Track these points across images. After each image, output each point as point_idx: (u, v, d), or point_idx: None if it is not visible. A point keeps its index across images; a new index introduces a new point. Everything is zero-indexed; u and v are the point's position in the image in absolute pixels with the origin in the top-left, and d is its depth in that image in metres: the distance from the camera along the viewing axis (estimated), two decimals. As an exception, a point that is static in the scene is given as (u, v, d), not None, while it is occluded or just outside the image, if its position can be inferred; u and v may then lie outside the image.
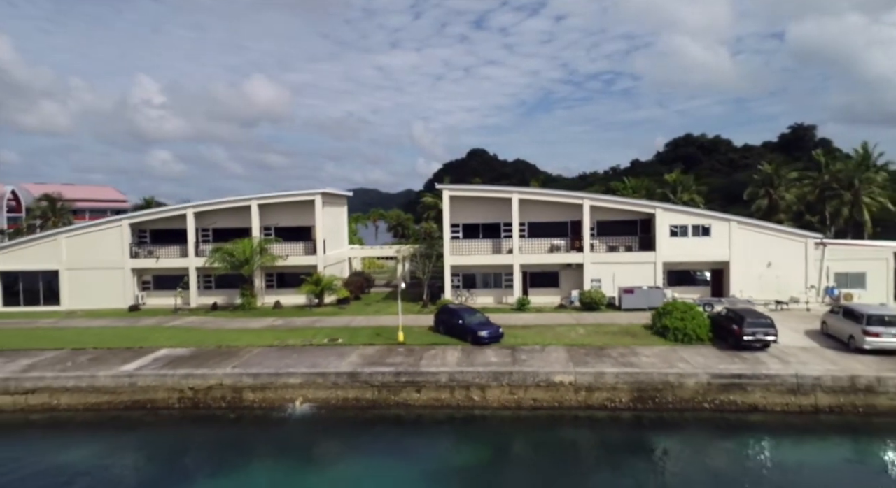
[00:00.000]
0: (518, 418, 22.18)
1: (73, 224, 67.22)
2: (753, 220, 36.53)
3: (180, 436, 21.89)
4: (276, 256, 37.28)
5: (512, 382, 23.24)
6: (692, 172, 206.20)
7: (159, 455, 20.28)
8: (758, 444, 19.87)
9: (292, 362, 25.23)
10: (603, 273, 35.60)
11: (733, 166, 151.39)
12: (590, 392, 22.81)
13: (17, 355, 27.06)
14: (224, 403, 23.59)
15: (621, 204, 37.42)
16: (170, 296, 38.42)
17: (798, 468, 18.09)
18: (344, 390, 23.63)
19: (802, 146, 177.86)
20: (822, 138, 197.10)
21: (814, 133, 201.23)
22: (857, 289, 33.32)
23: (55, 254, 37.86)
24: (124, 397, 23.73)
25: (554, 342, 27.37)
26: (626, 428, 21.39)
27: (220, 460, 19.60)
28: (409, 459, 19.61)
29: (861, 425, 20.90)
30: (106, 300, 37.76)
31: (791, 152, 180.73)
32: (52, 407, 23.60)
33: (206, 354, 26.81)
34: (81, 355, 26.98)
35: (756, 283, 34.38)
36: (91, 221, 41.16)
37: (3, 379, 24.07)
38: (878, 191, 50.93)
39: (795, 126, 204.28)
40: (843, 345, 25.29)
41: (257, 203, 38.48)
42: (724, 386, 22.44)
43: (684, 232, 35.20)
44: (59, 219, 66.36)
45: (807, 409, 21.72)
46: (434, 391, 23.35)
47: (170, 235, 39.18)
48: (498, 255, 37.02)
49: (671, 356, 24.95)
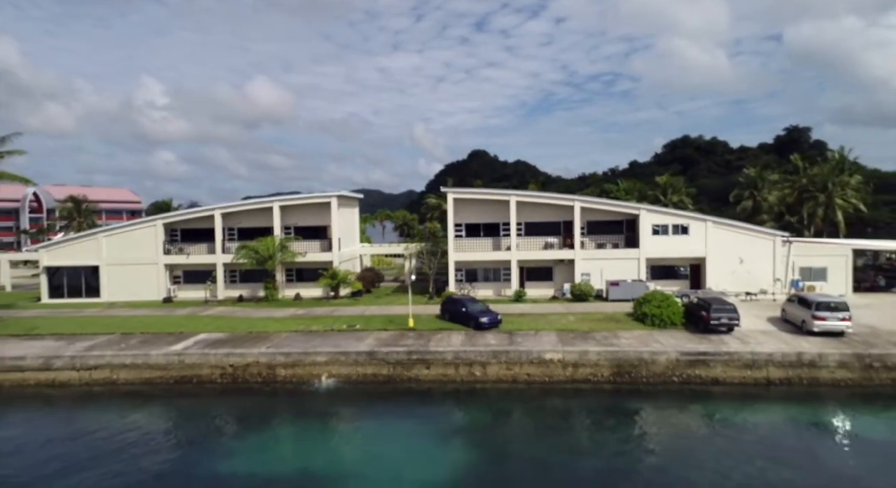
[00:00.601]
0: (514, 390, 25.88)
1: (96, 223, 71.27)
2: (727, 220, 40.27)
3: (223, 406, 25.57)
4: (296, 253, 41.05)
5: (508, 360, 26.97)
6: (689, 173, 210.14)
7: (205, 420, 23.97)
8: (717, 410, 23.51)
9: (317, 344, 29.01)
10: (592, 268, 39.38)
11: (729, 167, 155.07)
12: (576, 368, 26.54)
13: (74, 338, 30.88)
14: (260, 378, 27.33)
15: (608, 205, 41.24)
16: (199, 289, 42.25)
17: (752, 429, 21.65)
18: (363, 367, 27.38)
19: (797, 148, 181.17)
20: (816, 140, 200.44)
21: (808, 135, 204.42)
22: (819, 282, 37.06)
23: (96, 251, 41.70)
24: (174, 373, 27.51)
25: (546, 327, 31.13)
26: (607, 397, 25.06)
27: (258, 425, 23.28)
28: (420, 424, 23.26)
29: (805, 394, 24.57)
30: (141, 293, 41.59)
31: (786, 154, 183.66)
32: (112, 381, 27.37)
33: (241, 338, 30.60)
34: (131, 338, 30.78)
35: (730, 277, 38.15)
36: (128, 221, 45.04)
37: (70, 357, 27.90)
38: (851, 193, 54.61)
39: (790, 128, 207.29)
40: (797, 329, 29.04)
41: (279, 205, 42.33)
42: (691, 362, 26.18)
43: (665, 231, 38.99)
44: (84, 219, 70.07)
45: (760, 381, 25.43)
46: (441, 368, 27.08)
47: (198, 234, 42.99)
48: (497, 252, 40.84)
49: (647, 338, 28.71)
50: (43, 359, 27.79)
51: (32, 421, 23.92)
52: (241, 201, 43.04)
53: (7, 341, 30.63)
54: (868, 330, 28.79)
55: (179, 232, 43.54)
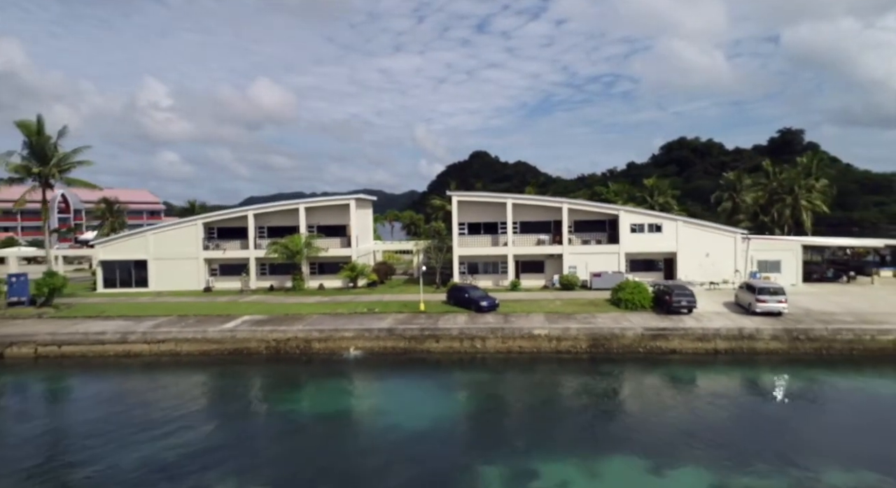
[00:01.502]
0: (508, 359, 31.64)
1: (125, 223, 77.17)
2: (695, 220, 46.05)
3: (270, 371, 31.32)
4: (319, 248, 46.85)
5: (504, 335, 32.74)
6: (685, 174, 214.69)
7: (257, 381, 29.80)
8: (674, 373, 29.16)
9: (344, 322, 34.83)
10: (578, 261, 45.18)
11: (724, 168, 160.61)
12: (559, 341, 32.31)
13: (139, 319, 36.74)
14: (298, 350, 33.11)
15: (592, 206, 47.07)
16: (233, 280, 48.10)
17: (700, 387, 27.33)
18: (384, 341, 33.15)
19: (791, 149, 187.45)
20: (809, 142, 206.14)
21: (802, 137, 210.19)
22: (774, 273, 42.80)
23: (144, 247, 47.57)
24: (227, 346, 33.31)
25: (536, 310, 36.93)
26: (584, 364, 30.76)
27: (298, 387, 29.05)
28: (431, 383, 29.03)
29: (745, 361, 30.26)
30: (183, 283, 47.43)
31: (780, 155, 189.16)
32: (177, 352, 33.18)
33: (279, 319, 36.42)
34: (187, 319, 36.62)
35: (698, 269, 43.92)
36: (172, 221, 50.83)
37: (142, 332, 33.77)
38: (816, 195, 60.33)
39: (784, 130, 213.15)
40: (745, 310, 34.84)
41: (304, 206, 48.20)
42: (653, 336, 31.95)
43: (642, 229, 44.77)
44: (115, 218, 75.92)
45: (710, 351, 31.15)
46: (448, 341, 32.86)
47: (233, 232, 48.85)
48: (495, 247, 46.66)
49: (620, 318, 34.50)
50: (120, 334, 33.67)
51: (118, 382, 29.77)
52: (271, 203, 48.94)
53: (85, 321, 36.50)
54: (803, 311, 34.58)
55: (216, 230, 49.40)
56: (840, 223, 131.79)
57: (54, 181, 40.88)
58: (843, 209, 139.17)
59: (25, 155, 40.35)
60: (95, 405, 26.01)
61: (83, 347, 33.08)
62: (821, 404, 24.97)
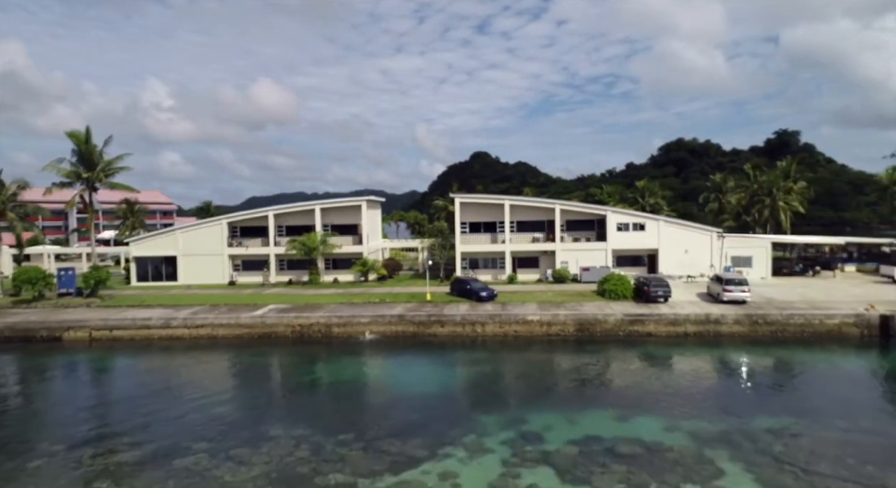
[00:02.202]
0: (504, 342, 36.14)
1: (145, 222, 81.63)
2: (675, 219, 50.59)
3: (297, 351, 35.79)
4: (334, 246, 51.38)
5: (501, 321, 37.26)
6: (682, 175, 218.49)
7: (284, 360, 34.32)
8: (648, 352, 33.61)
9: (360, 310, 39.36)
10: (569, 257, 49.69)
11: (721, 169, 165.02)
12: (550, 325, 36.81)
13: (178, 308, 41.27)
14: (320, 334, 37.62)
15: (582, 207, 51.65)
16: (255, 275, 52.65)
17: (671, 363, 31.77)
18: (395, 326, 37.66)
19: (787, 150, 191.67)
20: (805, 143, 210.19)
21: (798, 138, 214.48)
22: (746, 268, 47.27)
23: (174, 244, 52.14)
24: (258, 330, 37.84)
25: (530, 300, 41.46)
26: (571, 345, 35.25)
27: (323, 362, 33.61)
28: (437, 361, 33.52)
29: (711, 342, 34.74)
30: (209, 278, 51.97)
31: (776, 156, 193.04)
32: (213, 336, 37.69)
33: (301, 307, 40.93)
34: (220, 308, 41.14)
35: (677, 264, 48.40)
36: (199, 221, 55.35)
37: (182, 318, 38.33)
38: (794, 197, 64.82)
39: (780, 131, 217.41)
40: (714, 299, 39.35)
41: (319, 207, 52.77)
42: (632, 321, 36.46)
43: (627, 228, 49.30)
44: (136, 218, 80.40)
45: (680, 334, 35.66)
46: (452, 326, 37.37)
47: (254, 231, 53.42)
48: (494, 245, 51.19)
49: (604, 306, 39.02)
50: (163, 320, 38.23)
51: (166, 360, 34.32)
52: (289, 205, 53.55)
53: (129, 310, 41.06)
54: (765, 300, 39.10)
55: (239, 229, 53.96)
56: (833, 223, 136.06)
57: (99, 185, 45.55)
58: (835, 209, 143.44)
59: (74, 161, 45.01)
60: (149, 378, 30.61)
61: (131, 331, 37.65)
62: (767, 374, 29.47)
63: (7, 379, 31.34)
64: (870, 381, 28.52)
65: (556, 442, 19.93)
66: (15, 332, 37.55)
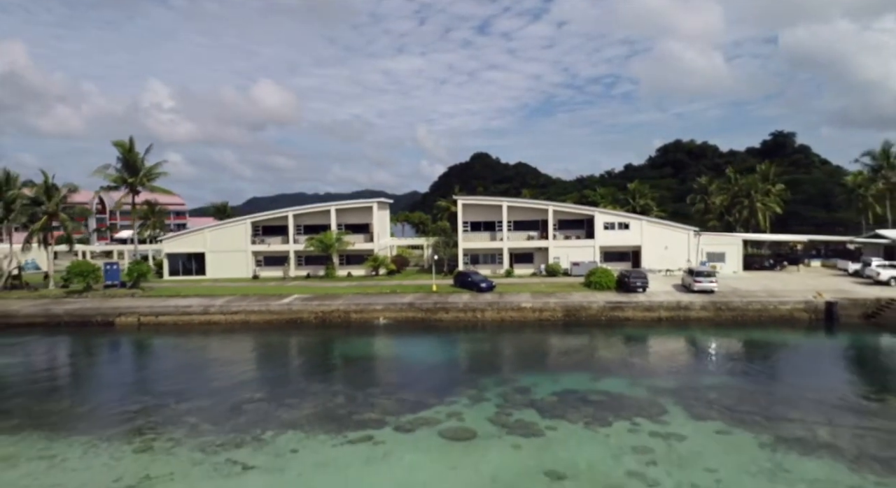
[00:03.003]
0: (501, 325, 41.40)
1: (164, 222, 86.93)
2: (656, 219, 55.87)
3: (320, 334, 41.04)
4: (348, 243, 56.73)
5: (499, 308, 42.53)
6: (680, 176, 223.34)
7: (311, 340, 39.58)
8: (626, 334, 38.89)
9: (374, 299, 44.66)
10: (561, 253, 55.01)
11: (718, 170, 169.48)
12: (541, 311, 42.08)
13: (212, 298, 46.58)
14: (339, 320, 42.91)
15: (572, 208, 56.99)
16: (275, 269, 57.99)
17: (647, 343, 37.02)
18: (406, 312, 42.94)
19: (783, 152, 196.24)
20: (800, 144, 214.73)
21: (793, 139, 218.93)
22: (719, 263, 52.56)
23: (202, 242, 57.53)
24: (285, 316, 43.15)
25: (524, 290, 46.75)
26: (559, 328, 40.52)
27: (344, 342, 38.92)
28: (442, 340, 38.77)
29: (681, 325, 39.98)
30: (234, 272, 57.33)
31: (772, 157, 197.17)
32: (246, 321, 43.00)
33: (322, 297, 46.24)
34: (249, 298, 46.45)
35: (658, 259, 53.70)
36: (227, 220, 60.79)
37: (219, 306, 43.68)
38: (772, 198, 70.05)
39: (776, 133, 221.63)
40: (686, 289, 44.61)
41: (335, 208, 58.15)
42: (612, 307, 41.74)
43: (613, 227, 54.63)
44: (157, 218, 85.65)
45: (655, 318, 40.91)
46: (455, 313, 42.64)
47: (275, 229, 58.79)
48: (493, 242, 56.53)
49: (589, 295, 44.31)
50: (202, 307, 43.58)
51: (207, 341, 39.65)
52: (308, 206, 58.91)
53: (169, 299, 46.41)
54: (731, 290, 44.38)
55: (261, 228, 59.35)
56: (825, 223, 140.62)
57: (141, 188, 50.98)
58: (827, 210, 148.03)
59: (119, 168, 50.46)
60: (200, 353, 36.01)
61: (174, 317, 43.02)
62: (723, 349, 34.75)
63: (74, 354, 36.76)
64: (807, 354, 33.84)
65: (540, 393, 25.24)
66: (73, 318, 42.95)
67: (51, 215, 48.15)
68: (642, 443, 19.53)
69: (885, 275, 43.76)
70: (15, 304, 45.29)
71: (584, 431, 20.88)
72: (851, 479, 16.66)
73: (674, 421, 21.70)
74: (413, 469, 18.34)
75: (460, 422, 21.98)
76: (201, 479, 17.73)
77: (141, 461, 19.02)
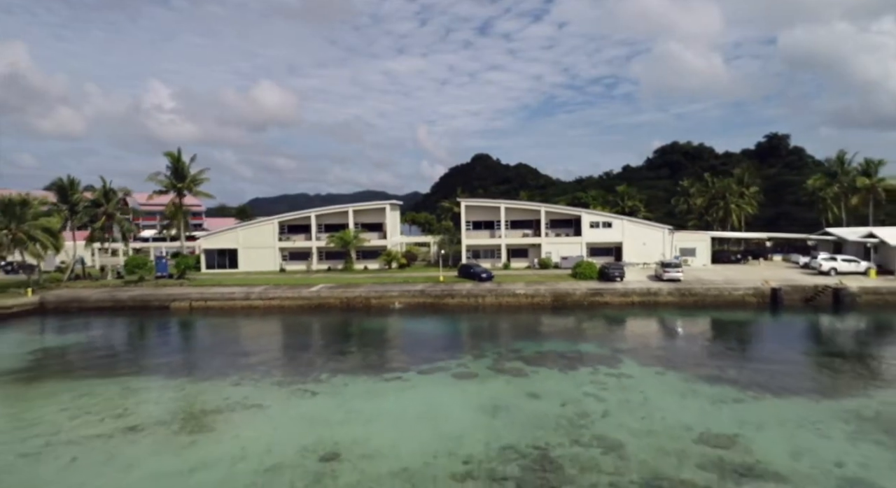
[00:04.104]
0: (499, 308, 48.83)
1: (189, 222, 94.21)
2: (636, 219, 63.34)
3: (345, 316, 48.38)
4: (364, 240, 64.22)
5: (497, 294, 49.98)
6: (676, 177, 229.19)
7: (339, 320, 47.06)
8: (603, 315, 46.30)
9: (390, 287, 52.12)
10: (552, 248, 62.49)
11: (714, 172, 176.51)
12: (533, 297, 49.53)
13: (250, 287, 54.07)
14: (361, 304, 50.35)
15: (562, 209, 64.50)
16: (300, 263, 65.52)
17: (617, 321, 44.52)
18: (417, 298, 50.39)
19: (776, 154, 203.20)
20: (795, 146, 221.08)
21: (787, 142, 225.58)
22: (691, 257, 60.01)
23: (235, 239, 65.07)
24: (315, 301, 50.61)
25: (519, 280, 54.20)
26: (548, 311, 47.90)
27: (366, 320, 46.41)
28: (449, 320, 46.21)
29: (650, 308, 47.39)
30: (263, 266, 64.85)
31: (766, 159, 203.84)
32: (282, 306, 50.44)
33: (345, 285, 53.72)
34: (281, 287, 53.92)
35: (637, 253, 61.16)
36: (256, 220, 68.35)
37: (259, 293, 51.20)
38: (746, 200, 77.48)
39: (770, 135, 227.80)
40: (657, 279, 52.07)
41: (352, 209, 65.71)
42: (594, 293, 49.19)
43: (598, 226, 62.12)
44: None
45: (628, 303, 48.32)
46: (460, 298, 50.08)
47: (299, 228, 66.32)
48: (492, 239, 64.02)
49: (574, 284, 51.75)
50: (244, 294, 51.11)
51: (250, 321, 47.14)
52: (329, 207, 66.50)
53: (213, 287, 53.90)
54: (696, 279, 51.81)
55: (287, 226, 66.90)
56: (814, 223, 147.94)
57: (186, 192, 58.55)
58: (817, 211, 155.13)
59: (168, 174, 58.08)
60: (249, 328, 43.48)
61: (220, 302, 50.52)
62: (681, 324, 42.17)
63: (145, 328, 44.29)
64: (747, 328, 41.28)
65: (527, 352, 32.70)
66: (136, 302, 50.51)
67: (108, 215, 55.70)
68: (598, 379, 27.04)
69: (826, 267, 51.27)
70: (84, 292, 52.91)
71: (557, 373, 28.39)
72: (736, 396, 24.14)
73: (625, 367, 29.21)
74: (434, 394, 25.85)
75: (466, 369, 29.50)
76: (286, 399, 25.27)
77: (240, 390, 26.54)
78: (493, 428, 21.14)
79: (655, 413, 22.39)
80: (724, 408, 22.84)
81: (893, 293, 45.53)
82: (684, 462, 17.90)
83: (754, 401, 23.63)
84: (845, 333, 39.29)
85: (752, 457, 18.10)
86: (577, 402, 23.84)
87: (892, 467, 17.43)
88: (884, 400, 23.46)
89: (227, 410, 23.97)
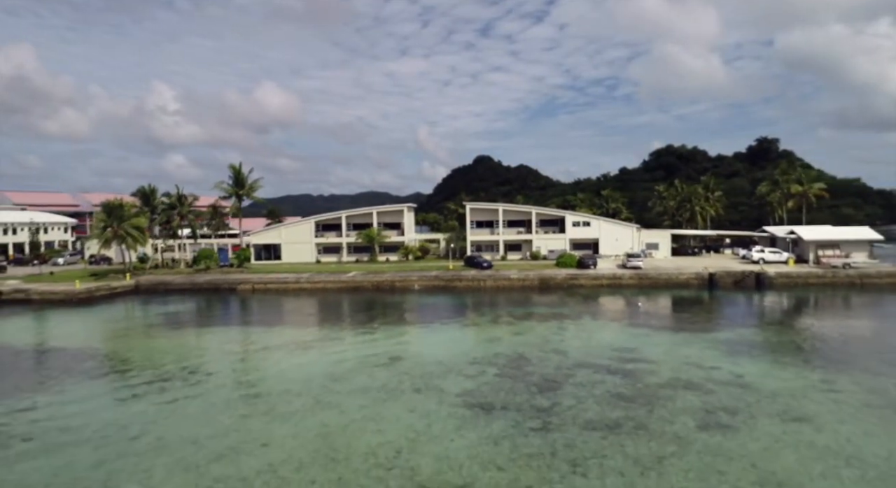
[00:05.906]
0: (497, 289, 62.04)
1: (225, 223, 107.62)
2: (610, 219, 76.67)
3: (375, 295, 61.56)
4: (385, 236, 77.59)
5: (495, 278, 63.22)
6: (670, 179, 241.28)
7: (370, 297, 60.40)
8: (580, 294, 59.45)
9: (410, 273, 65.43)
10: (541, 244, 75.80)
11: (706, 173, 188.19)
12: (523, 281, 62.77)
13: (297, 274, 67.39)
14: (388, 286, 63.59)
15: (549, 211, 77.88)
16: (332, 256, 78.91)
17: (588, 298, 57.75)
18: (433, 281, 63.65)
19: (767, 157, 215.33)
20: (784, 149, 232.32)
21: (777, 145, 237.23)
22: (654, 250, 73.26)
23: (278, 236, 78.48)
24: (351, 284, 63.89)
25: (513, 268, 67.49)
26: (536, 291, 61.10)
27: (392, 296, 59.73)
28: (458, 297, 59.40)
29: (615, 288, 60.56)
30: (302, 258, 78.21)
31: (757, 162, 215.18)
32: (325, 288, 63.71)
33: (374, 273, 67.00)
34: (322, 273, 67.27)
35: (611, 248, 74.44)
36: (296, 220, 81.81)
37: (306, 278, 64.57)
38: (712, 203, 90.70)
39: (761, 139, 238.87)
40: (623, 267, 65.32)
41: (376, 211, 79.14)
42: (572, 277, 62.45)
43: (579, 224, 75.44)
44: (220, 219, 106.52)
45: (599, 285, 61.56)
46: (467, 281, 63.33)
47: (331, 226, 79.74)
48: (492, 236, 77.46)
49: (557, 271, 65.01)
50: (295, 278, 64.46)
51: (301, 298, 60.45)
52: (357, 209, 79.94)
53: (268, 274, 67.24)
54: (653, 267, 65.05)
55: (321, 225, 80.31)
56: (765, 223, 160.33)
57: (245, 197, 72.00)
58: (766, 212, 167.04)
59: (230, 183, 71.53)
60: (301, 301, 56.81)
61: (277, 284, 63.91)
62: (639, 300, 55.37)
63: (226, 303, 57.67)
64: (684, 301, 54.47)
65: (517, 314, 45.98)
66: (210, 285, 63.95)
67: (182, 216, 69.15)
68: (563, 326, 40.46)
69: (756, 257, 64.56)
70: (167, 277, 66.37)
71: (536, 324, 41.76)
72: (647, 333, 37.46)
73: (583, 321, 42.63)
74: (451, 333, 39.23)
75: (472, 323, 42.94)
76: (355, 336, 38.66)
77: (323, 331, 39.93)
78: (490, 348, 34.46)
79: (592, 340, 35.83)
80: (637, 338, 36.16)
81: (802, 277, 58.83)
82: (600, 357, 31.22)
83: (657, 334, 37.05)
84: (746, 303, 52.62)
85: (640, 355, 31.40)
86: (545, 336, 37.18)
87: (717, 359, 30.65)
88: (740, 333, 36.83)
89: (319, 340, 37.37)
